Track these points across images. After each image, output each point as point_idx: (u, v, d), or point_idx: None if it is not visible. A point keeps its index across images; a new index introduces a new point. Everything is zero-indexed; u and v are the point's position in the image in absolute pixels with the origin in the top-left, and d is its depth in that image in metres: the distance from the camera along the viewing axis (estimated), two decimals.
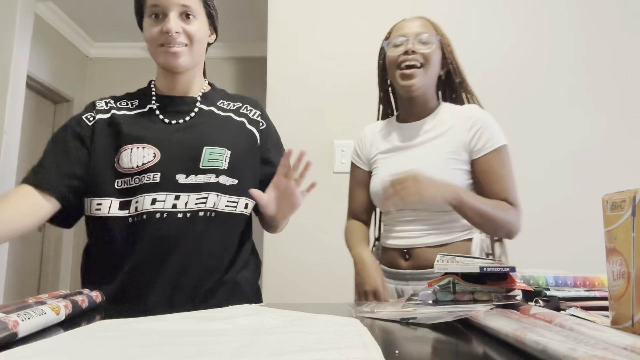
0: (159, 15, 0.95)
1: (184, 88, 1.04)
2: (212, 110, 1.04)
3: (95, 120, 0.99)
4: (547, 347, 0.41)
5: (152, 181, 0.93)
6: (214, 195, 0.95)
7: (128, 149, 0.95)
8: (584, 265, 1.06)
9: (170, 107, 1.02)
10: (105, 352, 0.47)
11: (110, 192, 0.94)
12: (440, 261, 0.76)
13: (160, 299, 0.91)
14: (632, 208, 0.48)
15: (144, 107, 1.02)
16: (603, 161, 1.92)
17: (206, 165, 0.96)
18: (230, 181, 0.98)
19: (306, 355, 0.44)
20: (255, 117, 1.08)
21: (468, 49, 2.00)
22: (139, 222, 0.92)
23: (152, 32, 0.96)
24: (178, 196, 0.93)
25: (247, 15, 3.29)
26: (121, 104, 1.03)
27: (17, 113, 2.49)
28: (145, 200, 0.92)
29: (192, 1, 0.96)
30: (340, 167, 1.92)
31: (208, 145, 0.97)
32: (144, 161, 0.93)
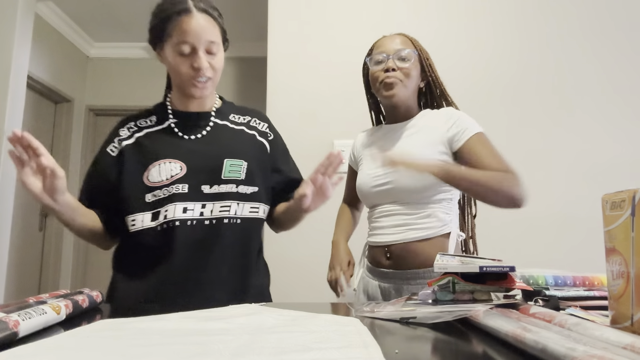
0: (187, 51, 1.00)
1: (200, 106, 1.11)
2: (226, 125, 1.13)
3: (120, 148, 1.08)
4: (546, 346, 0.41)
5: (182, 191, 1.02)
6: (235, 204, 1.05)
7: (157, 165, 1.04)
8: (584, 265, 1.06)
9: (188, 122, 1.10)
10: (105, 351, 0.47)
11: (142, 206, 1.03)
12: (440, 261, 0.76)
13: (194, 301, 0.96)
14: (631, 208, 0.49)
15: (163, 123, 1.10)
16: (603, 161, 1.92)
17: (227, 176, 1.05)
18: (250, 189, 1.08)
19: (306, 354, 0.44)
20: (264, 129, 1.17)
21: (469, 51, 2.01)
22: (170, 230, 1.01)
23: (181, 67, 1.02)
24: (204, 205, 1.03)
25: (247, 15, 3.29)
26: (141, 123, 1.11)
27: (17, 113, 2.50)
28: (176, 209, 1.01)
29: (216, 35, 1.03)
30: (340, 167, 1.93)
31: (228, 158, 1.06)
32: (172, 174, 1.03)
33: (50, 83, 3.30)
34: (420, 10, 1.96)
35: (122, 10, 3.28)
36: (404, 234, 1.15)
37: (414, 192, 1.15)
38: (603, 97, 1.97)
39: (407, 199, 1.16)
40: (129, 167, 1.05)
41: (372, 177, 1.22)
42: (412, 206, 1.16)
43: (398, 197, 1.17)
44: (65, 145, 3.52)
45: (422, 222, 1.15)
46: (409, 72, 1.18)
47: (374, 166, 1.22)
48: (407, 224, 1.15)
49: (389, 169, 1.15)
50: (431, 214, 1.15)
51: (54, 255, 3.41)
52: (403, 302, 0.80)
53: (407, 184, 1.14)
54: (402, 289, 1.13)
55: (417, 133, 1.21)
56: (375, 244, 1.21)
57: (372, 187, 1.21)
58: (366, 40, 1.26)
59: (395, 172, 1.15)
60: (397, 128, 1.25)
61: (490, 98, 1.96)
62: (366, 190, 1.23)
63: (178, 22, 0.99)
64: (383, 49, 1.21)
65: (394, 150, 1.18)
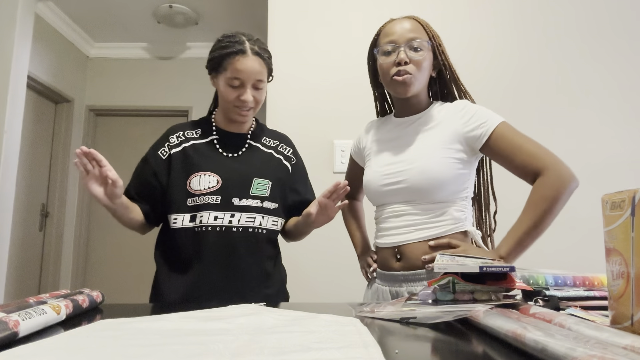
0: (237, 84, 1.18)
1: (239, 127, 1.29)
2: (259, 147, 1.30)
3: (170, 154, 1.24)
4: (546, 346, 0.41)
5: (215, 202, 1.19)
6: (259, 216, 1.22)
7: (198, 176, 1.21)
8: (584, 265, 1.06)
9: (227, 140, 1.28)
10: (105, 351, 0.47)
11: (183, 208, 1.20)
12: (440, 261, 0.76)
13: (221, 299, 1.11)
14: (631, 208, 0.49)
15: (206, 137, 1.27)
16: (603, 161, 1.92)
17: (254, 192, 1.23)
18: (273, 205, 1.25)
19: (306, 354, 0.44)
20: (288, 153, 1.35)
21: (470, 51, 2.01)
22: (203, 233, 1.18)
23: (230, 96, 1.19)
24: (233, 214, 1.20)
25: (247, 15, 3.29)
26: (188, 134, 1.28)
27: (17, 113, 2.50)
28: (210, 216, 1.19)
29: (263, 75, 1.20)
30: (340, 167, 1.92)
31: (256, 177, 1.24)
32: (209, 185, 1.20)
33: (50, 83, 3.30)
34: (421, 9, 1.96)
35: (122, 10, 3.28)
36: (416, 233, 1.09)
37: (427, 191, 1.08)
38: (604, 97, 1.97)
39: (420, 199, 1.09)
40: (175, 172, 1.23)
41: (382, 175, 1.15)
42: (425, 205, 1.09)
43: (410, 197, 1.10)
44: (65, 145, 3.52)
45: (435, 221, 1.08)
46: (422, 64, 1.10)
47: (385, 163, 1.16)
48: (419, 223, 1.09)
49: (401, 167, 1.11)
50: (445, 212, 1.09)
51: (54, 255, 3.41)
52: (403, 302, 0.80)
53: (421, 184, 1.08)
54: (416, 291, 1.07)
55: (430, 130, 1.13)
56: (384, 245, 1.14)
57: (382, 185, 1.14)
58: (366, 40, 1.25)
59: (407, 171, 1.10)
60: (408, 122, 1.18)
61: (491, 98, 1.96)
62: (375, 188, 1.17)
63: (234, 61, 1.16)
64: (393, 37, 1.11)
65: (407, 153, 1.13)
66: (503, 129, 1.07)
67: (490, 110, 1.11)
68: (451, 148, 1.09)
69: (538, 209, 0.99)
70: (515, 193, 1.16)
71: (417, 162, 1.09)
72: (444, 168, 1.07)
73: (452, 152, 1.09)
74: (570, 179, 1.00)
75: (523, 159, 1.03)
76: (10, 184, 2.47)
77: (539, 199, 1.00)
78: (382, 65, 1.13)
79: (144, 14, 3.29)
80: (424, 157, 1.09)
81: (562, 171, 1.00)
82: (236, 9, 3.20)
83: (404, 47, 1.09)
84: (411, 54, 1.09)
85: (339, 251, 1.88)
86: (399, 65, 1.09)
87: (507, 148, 1.05)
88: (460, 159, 1.09)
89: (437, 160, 1.08)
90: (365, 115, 1.43)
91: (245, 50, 1.17)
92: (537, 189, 1.01)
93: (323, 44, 2.02)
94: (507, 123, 1.08)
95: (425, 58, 1.10)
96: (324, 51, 2.02)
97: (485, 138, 1.07)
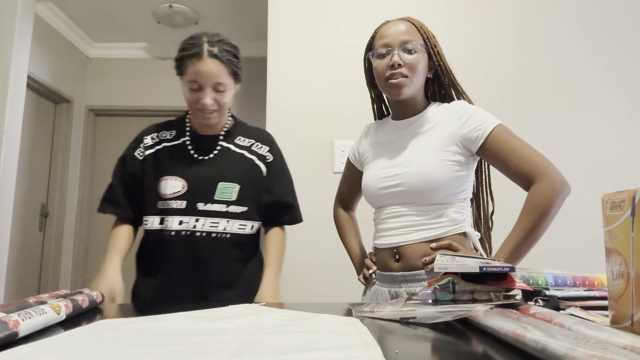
0: (195, 87, 1.18)
1: (211, 129, 1.29)
2: (230, 148, 1.29)
3: (145, 155, 1.27)
4: (546, 346, 0.41)
5: (180, 207, 1.21)
6: (224, 221, 1.22)
7: (166, 180, 1.23)
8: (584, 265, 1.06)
9: (200, 143, 1.28)
10: (105, 351, 0.47)
11: (154, 211, 1.23)
12: (440, 261, 0.76)
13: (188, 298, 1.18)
14: (631, 208, 0.49)
15: (179, 139, 1.29)
16: (603, 161, 1.92)
17: (219, 197, 1.23)
18: (240, 209, 1.25)
19: (306, 354, 0.44)
20: (264, 152, 1.32)
21: (471, 51, 2.01)
22: (169, 237, 1.20)
23: (190, 99, 1.21)
24: (198, 219, 1.21)
25: (247, 15, 3.29)
26: (162, 135, 1.30)
27: (17, 113, 2.49)
28: (174, 221, 1.20)
29: (223, 77, 1.18)
30: (340, 167, 1.92)
31: (222, 181, 1.23)
32: (175, 190, 1.22)
33: (50, 83, 3.30)
34: (421, 9, 1.97)
35: (121, 11, 3.27)
36: (414, 234, 1.09)
37: (425, 193, 1.08)
38: (604, 97, 1.97)
39: (418, 201, 1.10)
40: (148, 174, 1.25)
41: (380, 178, 1.15)
42: (423, 207, 1.09)
43: (408, 199, 1.10)
44: (65, 145, 3.52)
45: (433, 222, 1.09)
46: (416, 66, 1.09)
47: (383, 166, 1.16)
48: (417, 224, 1.09)
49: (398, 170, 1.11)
50: (443, 214, 1.09)
51: (54, 255, 3.41)
52: (403, 302, 0.80)
53: (418, 186, 1.08)
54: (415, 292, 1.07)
55: (427, 132, 1.13)
56: (383, 246, 1.14)
57: (380, 188, 1.14)
58: (367, 39, 1.25)
59: (405, 174, 1.10)
60: (405, 125, 1.18)
61: (492, 98, 1.96)
62: (373, 191, 1.16)
63: (190, 64, 1.17)
64: (386, 40, 1.11)
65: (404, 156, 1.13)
66: (499, 132, 1.06)
67: (488, 113, 1.11)
68: (448, 150, 1.09)
69: (532, 217, 1.01)
70: (513, 194, 1.16)
71: (414, 165, 1.09)
72: (441, 171, 1.07)
73: (449, 155, 1.09)
74: (562, 187, 1.02)
75: (517, 163, 1.04)
76: (10, 184, 2.46)
77: (532, 207, 1.01)
78: (377, 69, 1.14)
79: (143, 14, 3.29)
80: (421, 160, 1.09)
81: (554, 178, 1.02)
82: (236, 9, 3.20)
83: (398, 49, 1.09)
84: (405, 56, 1.09)
85: (339, 251, 1.88)
86: (392, 68, 1.09)
87: (502, 152, 1.06)
88: (457, 161, 1.09)
89: (435, 163, 1.08)
90: (366, 115, 1.43)
91: (201, 53, 1.16)
92: (530, 197, 1.03)
93: (323, 44, 2.02)
94: (504, 126, 1.08)
95: (419, 60, 1.10)
96: (324, 51, 2.02)
97: (482, 141, 1.07)
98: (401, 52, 1.09)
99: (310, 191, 1.90)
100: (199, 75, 1.16)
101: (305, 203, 1.88)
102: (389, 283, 1.12)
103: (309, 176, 1.93)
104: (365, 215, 1.39)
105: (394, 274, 1.11)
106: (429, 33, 1.14)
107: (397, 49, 1.09)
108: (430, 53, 1.14)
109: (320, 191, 1.91)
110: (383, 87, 1.15)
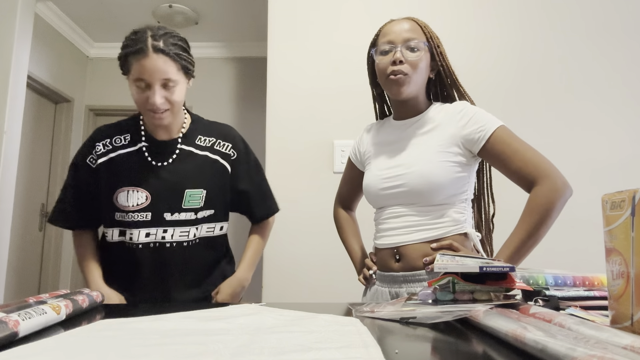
0: (143, 86, 1.10)
1: (167, 131, 1.21)
2: (191, 151, 1.22)
3: (97, 164, 1.19)
4: (546, 346, 0.41)
5: (145, 219, 1.15)
6: (193, 229, 1.19)
7: (125, 191, 1.16)
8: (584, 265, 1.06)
9: (157, 149, 1.20)
10: (105, 351, 0.47)
11: (112, 223, 1.17)
12: (440, 261, 0.76)
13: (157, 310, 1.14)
14: (631, 208, 0.49)
15: (135, 144, 1.20)
16: (604, 161, 1.92)
17: (187, 205, 1.18)
18: (208, 212, 1.21)
19: (306, 354, 0.44)
20: (227, 150, 1.26)
21: (475, 51, 2.01)
22: (137, 250, 1.16)
23: (138, 99, 1.12)
24: (166, 230, 1.16)
25: (247, 15, 3.28)
26: (116, 141, 1.20)
27: (17, 113, 2.49)
28: (140, 234, 1.15)
29: (172, 72, 1.10)
30: (340, 167, 1.92)
31: (188, 188, 1.18)
32: (138, 202, 1.15)
33: (50, 83, 3.30)
34: (422, 9, 1.97)
35: (122, 10, 3.28)
36: (415, 234, 1.09)
37: (426, 194, 1.08)
38: (607, 96, 1.97)
39: (419, 202, 1.10)
40: (103, 184, 1.17)
41: (381, 179, 1.14)
42: (424, 207, 1.09)
43: (409, 200, 1.10)
44: (65, 145, 3.52)
45: (434, 222, 1.09)
46: (418, 64, 1.09)
47: (384, 166, 1.16)
48: (418, 224, 1.09)
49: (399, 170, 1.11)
50: (444, 214, 1.09)
51: (54, 255, 3.41)
52: (403, 302, 0.80)
53: (420, 187, 1.08)
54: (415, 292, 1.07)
55: (429, 132, 1.13)
56: (384, 246, 1.14)
57: (381, 189, 1.14)
58: (367, 40, 1.25)
59: (406, 175, 1.10)
60: (407, 125, 1.18)
61: (495, 98, 1.96)
62: (374, 191, 1.16)
63: (135, 61, 1.08)
64: (390, 37, 1.11)
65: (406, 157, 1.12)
66: (501, 133, 1.06)
67: (490, 114, 1.11)
68: (449, 152, 1.09)
69: (533, 220, 1.01)
70: (514, 195, 1.16)
71: (415, 165, 1.09)
72: (442, 172, 1.07)
73: (450, 156, 1.09)
74: (564, 189, 1.02)
75: (519, 165, 1.04)
76: (10, 184, 2.46)
77: (533, 209, 1.01)
78: (379, 65, 1.13)
79: (143, 14, 3.29)
80: (423, 161, 1.09)
81: (556, 180, 1.02)
82: (236, 9, 3.20)
83: (401, 47, 1.10)
84: (407, 54, 1.09)
85: (339, 251, 1.88)
86: (394, 65, 1.09)
87: (503, 153, 1.06)
88: (458, 162, 1.09)
89: (436, 164, 1.08)
90: (366, 115, 1.43)
91: (146, 49, 1.07)
92: (532, 199, 1.03)
93: (323, 44, 2.02)
94: (506, 127, 1.08)
95: (421, 59, 1.10)
96: (324, 51, 2.02)
97: (483, 142, 1.07)
98: (404, 50, 1.09)
99: (310, 191, 1.90)
100: (144, 73, 1.07)
101: (305, 203, 1.89)
102: (390, 283, 1.12)
103: (309, 176, 1.93)
104: (365, 215, 1.39)
105: (394, 274, 1.11)
106: (432, 33, 1.15)
107: (400, 46, 1.10)
108: (433, 53, 1.14)
109: (320, 191, 1.91)
110: (384, 84, 1.14)
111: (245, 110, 3.64)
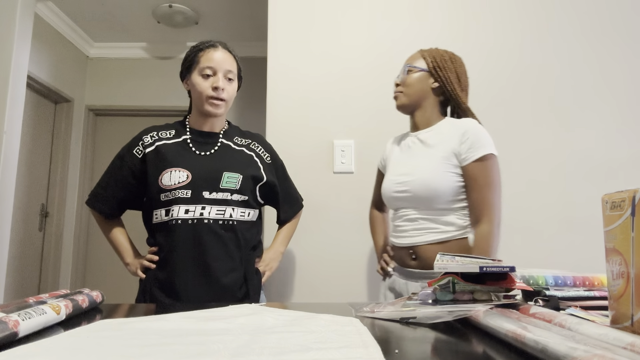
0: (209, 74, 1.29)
1: (212, 126, 1.37)
2: (230, 145, 1.38)
3: (144, 153, 1.32)
4: (546, 346, 0.41)
5: (185, 196, 1.26)
6: (229, 209, 1.29)
7: (169, 172, 1.27)
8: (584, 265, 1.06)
9: (200, 139, 1.35)
10: (105, 351, 0.47)
11: (159, 204, 1.28)
12: (440, 261, 0.76)
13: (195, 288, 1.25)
14: (631, 208, 0.49)
15: (180, 137, 1.35)
16: (604, 161, 1.92)
17: (224, 186, 1.29)
18: (242, 197, 1.32)
19: (306, 354, 0.44)
20: (261, 152, 1.43)
21: (474, 52, 2.01)
22: (177, 226, 1.25)
23: (203, 86, 1.29)
24: (204, 207, 1.26)
25: (247, 15, 3.28)
26: (162, 134, 1.35)
27: (17, 113, 2.49)
28: (180, 210, 1.25)
29: (233, 66, 1.33)
30: (340, 167, 1.93)
31: (226, 171, 1.30)
32: (179, 180, 1.26)
33: (50, 83, 3.30)
34: (422, 10, 1.97)
35: (121, 10, 3.27)
36: (426, 236, 1.23)
37: (428, 199, 1.22)
38: (606, 97, 1.97)
39: (423, 205, 1.24)
40: (150, 170, 1.30)
41: (393, 184, 1.32)
42: (430, 212, 1.24)
43: (415, 203, 1.25)
44: (65, 145, 3.52)
45: (440, 226, 1.22)
46: (411, 85, 1.32)
47: (396, 173, 1.33)
48: (427, 227, 1.23)
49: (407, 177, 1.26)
50: (448, 219, 1.22)
51: (54, 255, 3.41)
52: (403, 302, 0.80)
53: (422, 193, 1.23)
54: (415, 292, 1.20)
55: (435, 144, 1.27)
56: (400, 245, 1.30)
57: (394, 192, 1.31)
58: (367, 40, 1.26)
59: (411, 181, 1.25)
60: (415, 139, 1.35)
61: (493, 98, 1.96)
62: (388, 195, 1.34)
63: (204, 53, 1.30)
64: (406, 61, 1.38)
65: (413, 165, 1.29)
66: (484, 162, 1.20)
67: (489, 140, 1.23)
68: (450, 163, 1.23)
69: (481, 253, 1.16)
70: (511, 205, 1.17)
71: (419, 173, 1.25)
72: (442, 180, 1.21)
73: (451, 167, 1.23)
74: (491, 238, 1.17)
75: (477, 198, 1.19)
76: (10, 184, 2.46)
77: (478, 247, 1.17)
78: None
79: (143, 13, 3.29)
80: (425, 170, 1.24)
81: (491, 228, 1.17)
82: (236, 8, 3.20)
83: (403, 69, 1.36)
84: (403, 76, 1.35)
85: (340, 251, 1.88)
86: (396, 86, 1.36)
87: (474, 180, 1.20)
88: (458, 173, 1.23)
89: (436, 173, 1.22)
90: (366, 115, 1.43)
91: (216, 44, 1.32)
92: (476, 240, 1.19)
93: (323, 44, 2.02)
94: (493, 158, 1.21)
95: (413, 80, 1.32)
96: (324, 51, 2.02)
97: (467, 162, 1.21)
98: (402, 74, 1.35)
99: (310, 191, 1.90)
100: (213, 61, 1.28)
101: (305, 203, 1.88)
102: (406, 276, 1.27)
103: (309, 176, 1.93)
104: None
105: (412, 270, 1.26)
106: (435, 57, 1.32)
107: (401, 73, 1.37)
108: (435, 76, 1.31)
109: (320, 191, 1.91)
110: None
111: (245, 110, 3.64)
